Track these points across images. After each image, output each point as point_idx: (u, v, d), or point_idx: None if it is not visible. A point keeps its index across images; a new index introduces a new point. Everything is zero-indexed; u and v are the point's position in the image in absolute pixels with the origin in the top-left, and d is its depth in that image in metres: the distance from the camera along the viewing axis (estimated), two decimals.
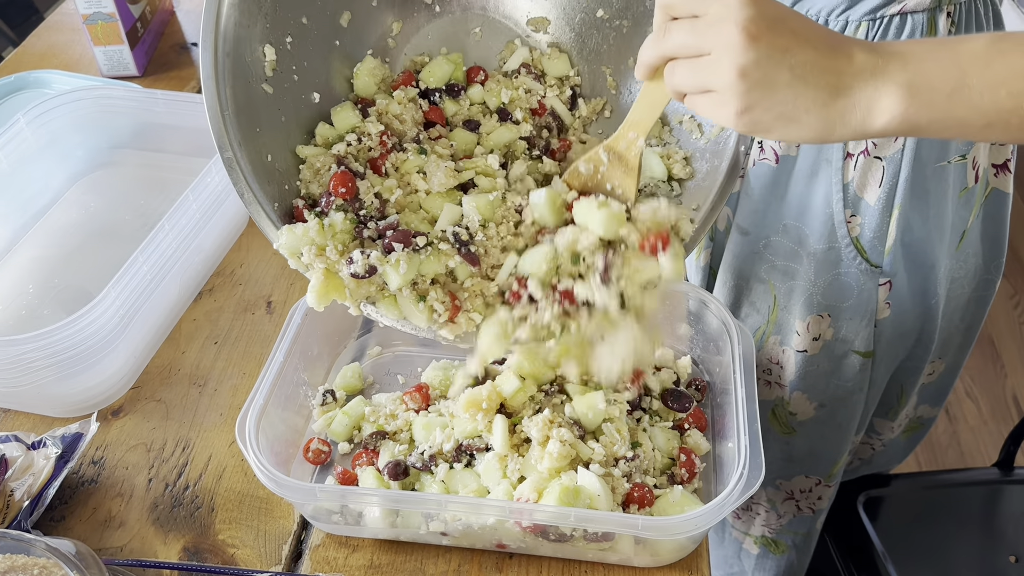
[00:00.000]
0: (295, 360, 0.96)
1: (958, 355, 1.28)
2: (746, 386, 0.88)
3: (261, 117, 0.85)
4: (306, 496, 0.83)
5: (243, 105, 0.82)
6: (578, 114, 0.96)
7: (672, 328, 1.03)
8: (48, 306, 1.13)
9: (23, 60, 1.64)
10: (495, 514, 0.80)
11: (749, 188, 1.08)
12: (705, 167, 0.88)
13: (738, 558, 1.49)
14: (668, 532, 0.79)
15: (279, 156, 0.86)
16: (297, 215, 0.84)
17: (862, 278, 1.05)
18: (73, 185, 1.29)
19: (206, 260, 1.19)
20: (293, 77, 0.88)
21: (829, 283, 1.07)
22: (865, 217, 1.02)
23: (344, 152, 0.86)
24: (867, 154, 0.97)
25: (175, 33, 1.72)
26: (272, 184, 0.84)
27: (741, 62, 0.63)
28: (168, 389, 1.06)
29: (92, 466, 0.98)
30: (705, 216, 0.86)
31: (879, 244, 1.03)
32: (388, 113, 0.89)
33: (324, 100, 0.90)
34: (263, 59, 0.85)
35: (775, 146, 1.03)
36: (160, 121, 1.25)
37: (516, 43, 0.96)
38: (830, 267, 1.06)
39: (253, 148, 0.83)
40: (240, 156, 0.81)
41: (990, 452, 2.21)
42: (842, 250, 1.04)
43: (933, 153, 0.98)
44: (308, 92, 0.89)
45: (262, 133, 0.84)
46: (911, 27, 0.92)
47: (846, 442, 1.25)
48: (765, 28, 0.63)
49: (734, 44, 0.63)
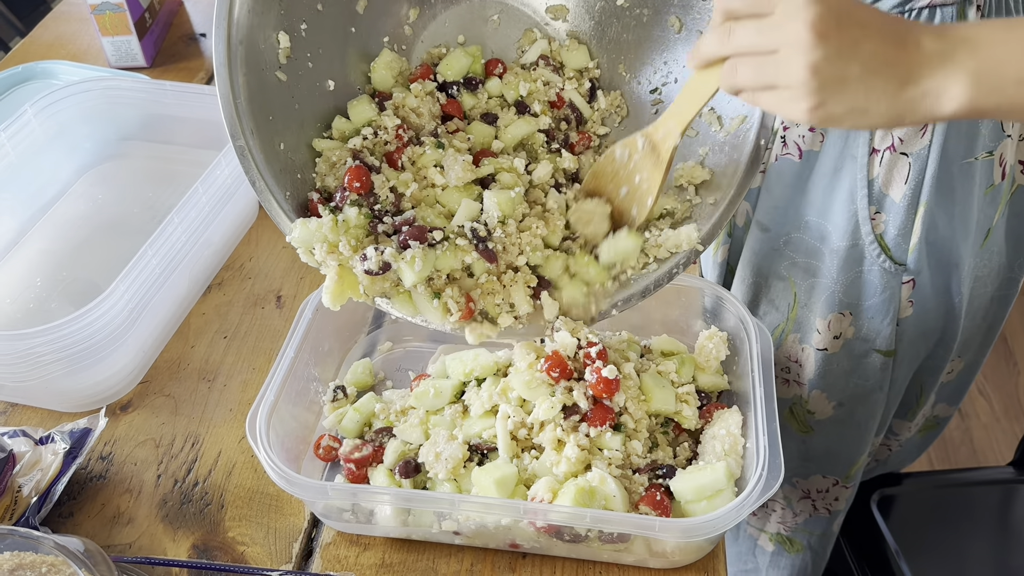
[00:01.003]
0: (306, 356, 0.94)
1: (978, 354, 1.26)
2: (764, 386, 0.87)
3: (274, 105, 0.83)
4: (318, 494, 0.82)
5: (256, 93, 0.81)
6: (597, 107, 0.95)
7: (687, 325, 1.01)
8: (56, 299, 1.12)
9: (30, 50, 1.63)
10: (509, 515, 0.79)
11: (770, 183, 1.07)
12: (724, 160, 0.86)
13: (752, 555, 1.48)
14: (686, 534, 0.77)
15: (292, 145, 0.84)
16: (311, 208, 0.83)
17: (885, 276, 1.04)
18: (81, 177, 1.28)
19: (215, 253, 1.18)
20: (307, 64, 0.86)
21: (852, 281, 1.06)
22: (890, 214, 1.00)
23: (360, 146, 0.85)
24: (893, 150, 0.96)
25: (183, 23, 1.71)
26: (285, 173, 0.83)
27: (812, 59, 0.63)
28: (177, 384, 1.05)
29: (100, 462, 0.97)
30: (724, 210, 0.85)
31: (903, 242, 1.01)
32: (405, 106, 0.88)
33: (339, 88, 0.89)
34: (277, 46, 0.84)
35: (798, 141, 1.01)
36: (169, 113, 1.24)
37: (535, 32, 0.95)
38: (853, 265, 1.04)
39: (266, 137, 0.81)
40: (252, 145, 0.80)
41: (1002, 450, 2.19)
42: (866, 247, 1.02)
43: (960, 150, 0.96)
44: (323, 80, 0.88)
45: (275, 121, 0.83)
46: (940, 20, 0.90)
47: (865, 442, 1.23)
48: (833, 24, 0.63)
49: (804, 42, 0.63)
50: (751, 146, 0.84)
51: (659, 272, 0.86)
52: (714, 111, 0.89)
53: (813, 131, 0.99)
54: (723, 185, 0.86)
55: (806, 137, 1.00)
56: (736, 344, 0.95)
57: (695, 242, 0.84)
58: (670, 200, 0.89)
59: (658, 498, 0.82)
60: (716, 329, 0.96)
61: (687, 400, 0.90)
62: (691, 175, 0.88)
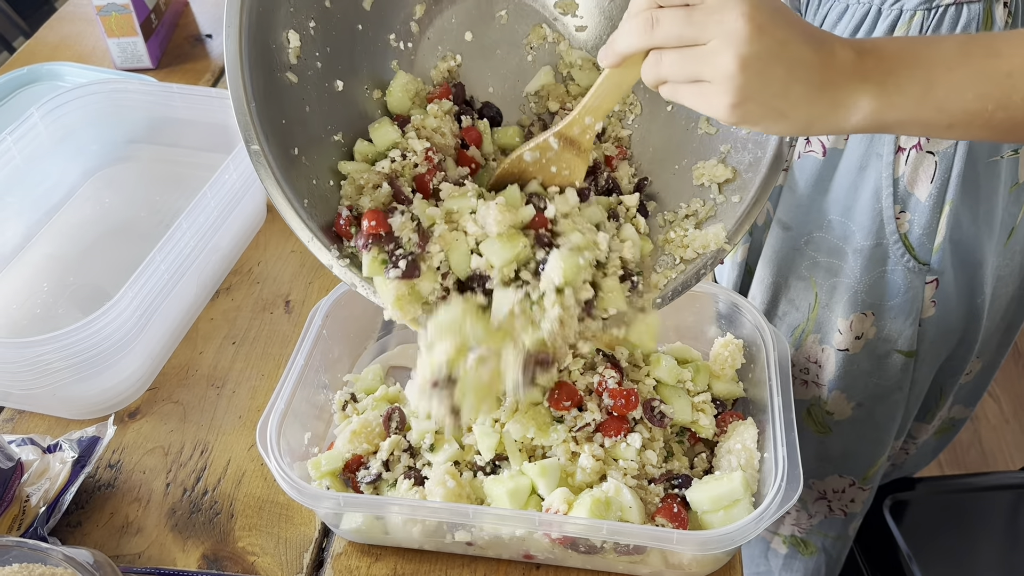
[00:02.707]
0: (316, 363, 0.93)
1: (996, 355, 1.25)
2: (782, 395, 0.86)
3: (286, 108, 0.82)
4: (331, 506, 0.81)
5: (268, 96, 0.80)
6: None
7: (701, 331, 1.00)
8: (63, 305, 1.11)
9: (35, 52, 1.62)
10: (525, 526, 0.78)
11: (793, 182, 1.05)
12: (748, 158, 0.85)
13: (765, 557, 1.47)
14: (703, 547, 0.76)
15: (305, 149, 0.83)
16: (340, 231, 0.81)
17: (909, 276, 1.03)
18: (88, 181, 1.27)
19: (224, 258, 1.17)
20: (316, 64, 0.85)
21: (875, 280, 1.05)
22: (915, 213, 0.99)
23: (390, 169, 0.83)
24: (919, 148, 0.95)
25: (189, 24, 1.70)
26: (300, 179, 0.81)
27: (744, 53, 0.61)
28: (185, 390, 1.04)
29: (109, 470, 0.96)
30: (749, 208, 0.83)
31: (928, 241, 1.00)
32: (426, 127, 0.86)
33: (347, 90, 0.87)
34: (287, 45, 0.82)
35: (823, 139, 1.00)
36: (176, 115, 1.23)
37: (543, 28, 0.93)
38: (877, 264, 1.03)
39: (278, 141, 0.80)
40: (267, 150, 0.78)
41: (1012, 452, 2.18)
42: (890, 247, 1.01)
43: (985, 148, 0.95)
44: (331, 80, 0.86)
45: (288, 125, 0.81)
46: (967, 18, 0.89)
47: (884, 444, 1.22)
48: (768, 19, 0.62)
49: (739, 34, 0.61)
50: (775, 142, 0.82)
51: (687, 273, 0.84)
52: None
53: None
54: (747, 183, 0.84)
55: (830, 135, 0.99)
56: (752, 352, 0.94)
57: (722, 241, 0.83)
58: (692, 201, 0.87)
59: (675, 510, 0.81)
60: (732, 336, 0.95)
61: (703, 409, 0.89)
62: (712, 174, 0.86)
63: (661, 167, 0.91)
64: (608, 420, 0.85)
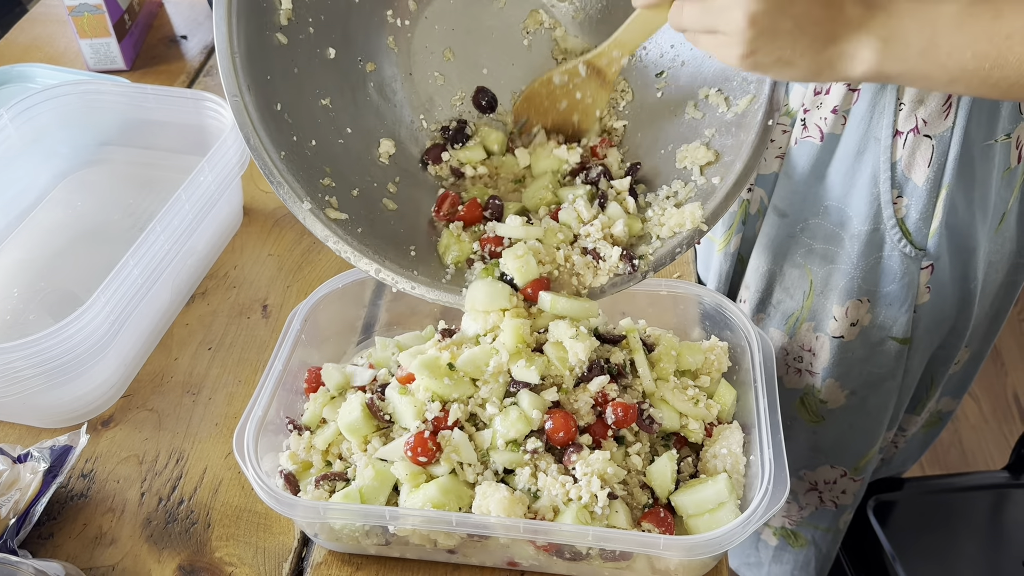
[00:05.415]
0: (294, 369, 0.91)
1: (983, 344, 1.25)
2: (768, 397, 0.85)
3: (273, 65, 0.85)
4: (311, 515, 0.79)
5: (255, 51, 0.83)
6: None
7: (685, 333, 0.99)
8: (34, 311, 1.08)
9: (6, 53, 1.59)
10: (511, 534, 0.76)
11: (790, 168, 1.05)
12: (731, 141, 0.86)
13: (755, 548, 1.46)
14: (690, 552, 0.75)
15: (289, 107, 0.86)
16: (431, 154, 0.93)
17: (905, 261, 1.02)
18: (59, 184, 1.25)
19: (199, 262, 1.14)
20: (309, 30, 0.88)
21: (871, 267, 1.04)
22: (912, 198, 0.99)
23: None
24: (916, 132, 0.94)
25: (164, 25, 1.67)
26: (282, 133, 0.84)
27: (752, 10, 0.69)
28: (160, 397, 1.02)
29: (82, 480, 0.94)
30: (730, 189, 0.84)
31: (924, 226, 1.00)
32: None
33: (339, 57, 0.90)
34: (278, 7, 0.85)
35: (820, 124, 0.99)
36: (150, 117, 1.21)
37: (540, 13, 0.95)
38: (873, 250, 1.03)
39: (262, 94, 0.83)
40: (248, 101, 0.82)
41: (992, 451, 2.19)
42: (886, 232, 1.01)
43: (981, 132, 0.95)
44: (323, 47, 0.89)
45: (273, 81, 0.84)
46: None
47: (876, 434, 1.22)
48: None
49: None
50: (758, 125, 0.84)
51: (661, 251, 0.85)
52: (721, 92, 0.88)
53: (835, 113, 0.97)
54: (728, 164, 0.85)
55: (828, 120, 0.98)
56: (737, 354, 0.93)
57: (699, 221, 0.83)
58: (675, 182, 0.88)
59: (661, 515, 0.80)
60: (717, 340, 0.94)
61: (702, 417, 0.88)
62: (695, 156, 0.87)
63: (650, 152, 0.92)
64: (593, 425, 0.83)
